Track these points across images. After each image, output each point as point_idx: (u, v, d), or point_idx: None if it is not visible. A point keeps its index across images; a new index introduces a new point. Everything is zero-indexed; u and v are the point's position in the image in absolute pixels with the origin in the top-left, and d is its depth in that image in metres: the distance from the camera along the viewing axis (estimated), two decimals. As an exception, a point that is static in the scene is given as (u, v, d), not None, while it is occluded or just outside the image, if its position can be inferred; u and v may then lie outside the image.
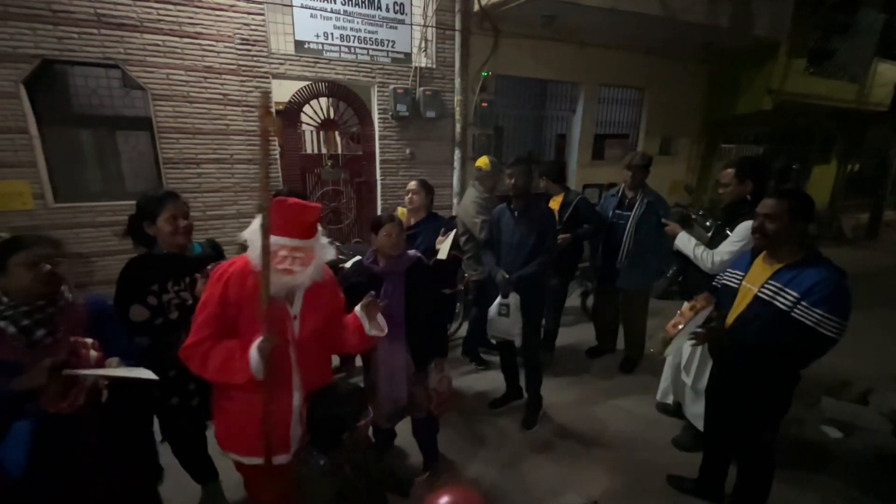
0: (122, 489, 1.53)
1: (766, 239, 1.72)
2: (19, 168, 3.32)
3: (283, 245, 1.41)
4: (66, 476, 1.39)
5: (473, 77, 4.77)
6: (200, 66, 3.69)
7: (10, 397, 1.25)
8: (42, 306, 1.37)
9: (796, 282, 1.62)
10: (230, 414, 1.53)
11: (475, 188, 3.24)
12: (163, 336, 1.76)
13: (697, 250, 2.43)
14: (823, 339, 1.56)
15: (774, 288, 1.66)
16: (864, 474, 2.46)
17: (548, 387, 2.93)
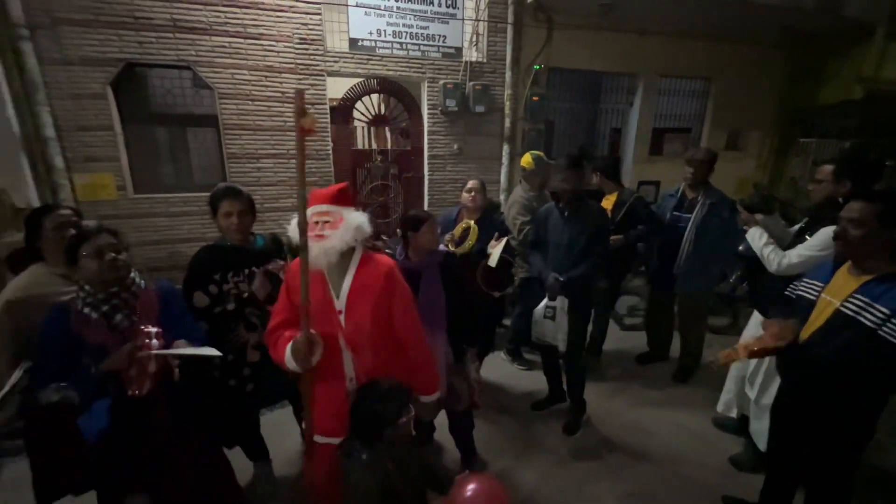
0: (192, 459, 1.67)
1: (850, 247, 1.54)
2: (105, 162, 3.68)
3: (312, 213, 1.49)
4: (138, 446, 1.53)
5: (525, 70, 4.66)
6: (262, 66, 3.88)
7: (96, 378, 1.39)
8: (116, 293, 1.51)
9: (889, 297, 1.42)
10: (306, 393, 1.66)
11: (521, 187, 3.19)
12: (220, 324, 1.88)
13: (766, 249, 2.21)
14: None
15: (861, 303, 1.48)
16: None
17: (593, 392, 2.84)
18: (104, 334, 1.47)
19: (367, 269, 1.60)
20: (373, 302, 1.57)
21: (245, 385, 1.96)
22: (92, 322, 1.47)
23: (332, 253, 1.48)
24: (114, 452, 1.50)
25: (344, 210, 1.52)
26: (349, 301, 1.57)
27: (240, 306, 1.91)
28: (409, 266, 2.00)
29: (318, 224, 1.48)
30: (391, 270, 1.61)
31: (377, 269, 1.60)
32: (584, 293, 2.49)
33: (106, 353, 1.44)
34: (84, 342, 1.45)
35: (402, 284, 1.64)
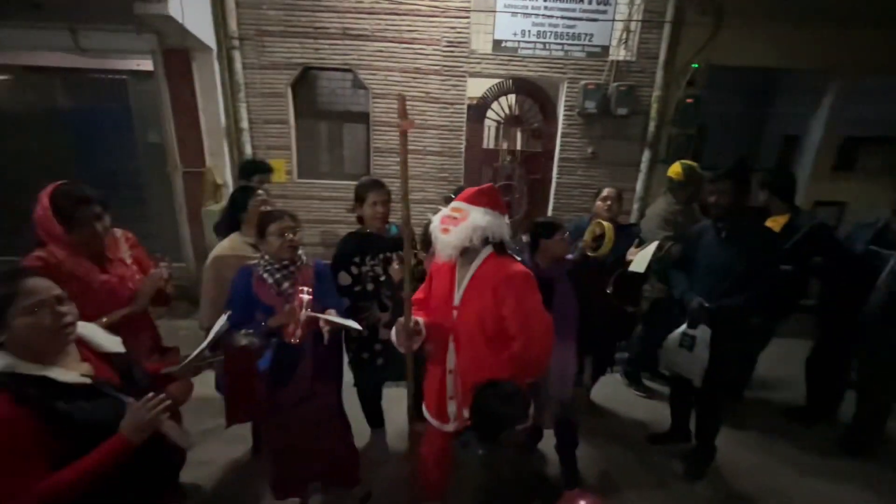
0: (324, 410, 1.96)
1: None
2: (280, 150, 4.37)
3: (451, 208, 1.59)
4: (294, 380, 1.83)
5: (680, 69, 4.20)
6: (411, 68, 4.18)
7: (267, 331, 1.69)
8: (287, 265, 1.80)
9: None
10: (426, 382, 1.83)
11: (665, 199, 2.88)
12: (359, 301, 2.11)
13: None
14: None
15: None
16: None
17: (728, 441, 2.48)
18: (274, 297, 1.77)
19: (488, 269, 1.59)
20: (481, 304, 1.58)
21: (375, 359, 2.18)
22: (267, 285, 1.78)
23: (448, 247, 1.55)
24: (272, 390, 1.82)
25: (473, 209, 1.55)
26: (464, 297, 1.62)
27: (376, 287, 2.12)
28: (541, 274, 1.93)
29: (448, 219, 1.58)
30: (512, 276, 1.56)
31: (497, 272, 1.57)
32: (736, 327, 2.15)
33: (273, 313, 1.74)
34: (258, 300, 1.77)
35: (521, 291, 1.55)
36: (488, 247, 1.61)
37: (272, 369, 1.80)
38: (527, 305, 1.57)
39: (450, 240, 1.53)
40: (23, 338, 1.03)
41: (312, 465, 1.99)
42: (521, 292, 1.56)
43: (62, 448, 1.03)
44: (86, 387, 1.11)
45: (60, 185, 1.60)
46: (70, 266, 1.58)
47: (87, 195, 1.61)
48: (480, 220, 1.53)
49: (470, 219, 1.53)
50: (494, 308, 1.56)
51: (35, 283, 1.06)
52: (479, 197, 1.59)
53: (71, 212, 1.57)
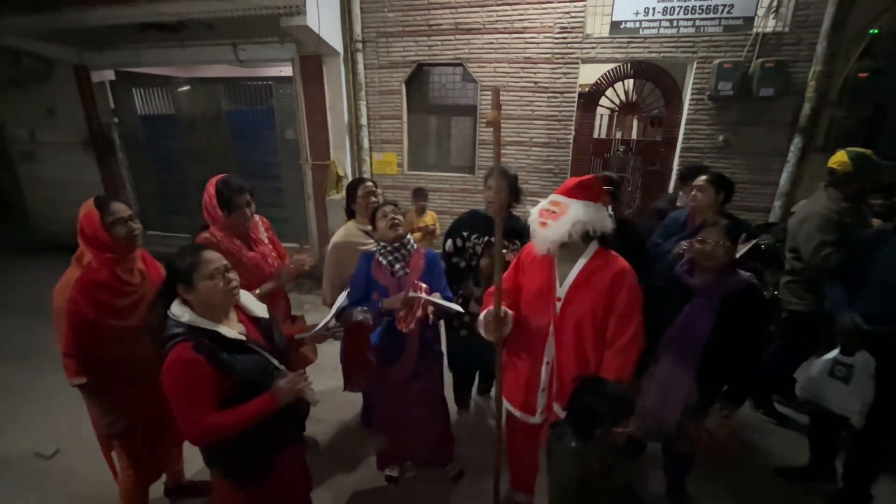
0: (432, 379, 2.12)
1: None
2: (393, 144, 4.69)
3: (546, 202, 1.56)
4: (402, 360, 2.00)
5: (852, 37, 3.46)
6: (521, 58, 4.13)
7: (381, 310, 1.87)
8: (398, 247, 1.95)
9: None
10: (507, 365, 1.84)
11: (826, 195, 2.38)
12: (454, 272, 2.27)
13: None
14: None
15: None
16: None
17: (886, 487, 2.04)
18: (388, 279, 1.94)
19: (597, 264, 1.57)
20: (593, 299, 1.54)
21: (460, 329, 2.34)
22: (382, 267, 1.95)
23: (545, 242, 1.54)
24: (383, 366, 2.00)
25: (573, 203, 1.51)
26: (570, 292, 1.59)
27: (468, 265, 2.25)
28: (687, 281, 1.74)
29: (547, 212, 1.55)
30: (622, 273, 1.55)
31: (608, 267, 1.56)
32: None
33: (387, 293, 1.91)
34: (374, 281, 1.95)
35: (630, 291, 1.54)
36: (595, 241, 1.58)
37: (382, 347, 1.98)
38: (634, 303, 1.55)
39: (548, 234, 1.52)
40: (204, 297, 1.30)
41: (413, 440, 2.15)
42: (632, 289, 1.56)
43: (226, 390, 1.28)
44: (241, 343, 1.35)
45: (223, 176, 1.95)
46: (226, 244, 1.91)
47: (242, 185, 1.93)
48: (581, 215, 1.50)
49: (570, 213, 1.50)
50: (607, 303, 1.55)
51: (211, 255, 1.33)
52: (580, 189, 1.54)
53: (229, 199, 1.89)
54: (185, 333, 1.25)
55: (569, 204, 1.52)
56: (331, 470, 2.34)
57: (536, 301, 1.68)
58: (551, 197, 1.58)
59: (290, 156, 5.01)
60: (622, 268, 1.56)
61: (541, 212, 1.58)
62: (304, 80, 4.52)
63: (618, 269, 1.55)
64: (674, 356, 1.75)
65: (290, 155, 5.00)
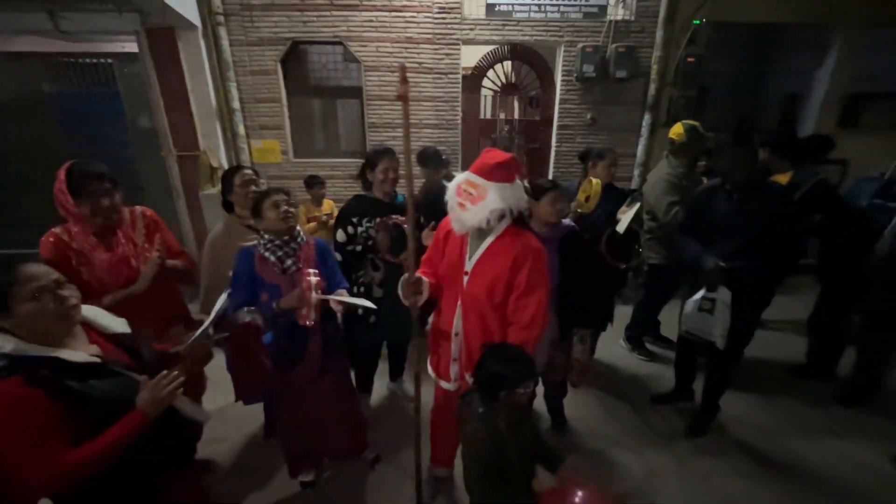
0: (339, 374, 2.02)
1: None
2: (274, 130, 4.31)
3: (463, 180, 1.55)
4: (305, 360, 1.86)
5: (681, 27, 4.06)
6: (403, 38, 4.06)
7: (273, 312, 1.71)
8: (287, 241, 1.80)
9: None
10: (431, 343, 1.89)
11: (668, 162, 2.83)
12: (350, 260, 2.21)
13: None
14: None
15: None
16: None
17: (729, 398, 2.53)
18: (277, 276, 1.78)
19: (504, 242, 1.59)
20: (493, 274, 1.59)
21: (367, 317, 2.27)
22: (269, 264, 1.78)
23: (462, 226, 1.56)
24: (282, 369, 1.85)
25: (492, 186, 1.48)
26: (476, 266, 1.63)
27: (364, 249, 2.20)
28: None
29: (464, 192, 1.53)
30: (525, 252, 1.56)
31: (514, 246, 1.57)
32: (754, 288, 2.15)
33: (278, 292, 1.75)
34: (262, 280, 1.77)
35: (532, 270, 1.55)
36: (506, 219, 1.58)
37: (281, 349, 1.82)
38: (535, 282, 1.57)
39: (466, 218, 1.53)
40: (29, 322, 1.05)
41: (325, 440, 2.04)
42: (534, 268, 1.56)
43: (82, 425, 1.06)
44: (97, 366, 1.13)
45: (76, 160, 1.69)
46: (79, 242, 1.67)
47: (99, 171, 1.68)
48: (498, 202, 1.48)
49: (488, 199, 1.48)
50: (509, 277, 1.58)
51: (34, 270, 1.07)
52: (498, 171, 1.50)
53: (81, 186, 1.64)
54: (9, 367, 1.00)
55: (487, 188, 1.49)
56: (239, 490, 2.13)
57: (449, 273, 1.70)
58: (468, 176, 1.53)
59: (147, 147, 4.30)
60: (527, 246, 1.56)
61: (458, 190, 1.54)
62: (154, 58, 3.88)
63: (521, 249, 1.56)
64: None
65: (147, 146, 4.29)
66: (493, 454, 1.37)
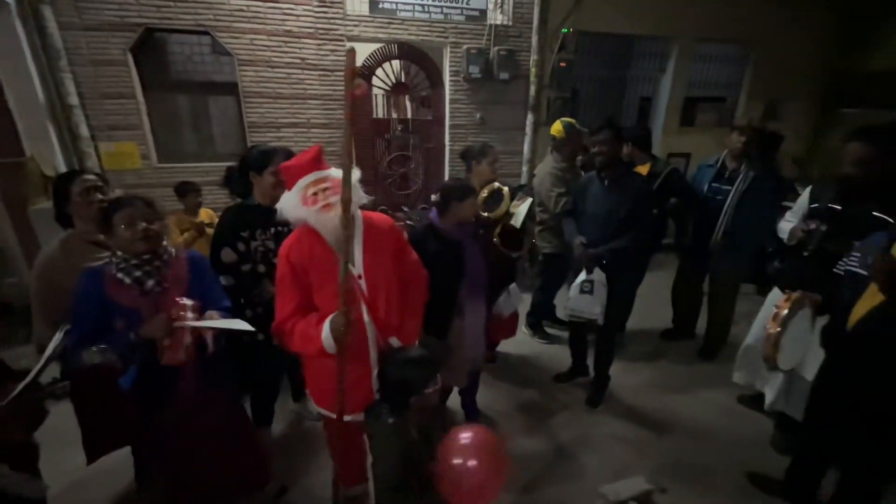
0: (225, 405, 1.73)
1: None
2: (129, 130, 3.68)
3: (306, 184, 1.38)
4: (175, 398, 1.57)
5: (552, 34, 4.43)
6: (281, 31, 3.77)
7: (131, 344, 1.41)
8: (149, 260, 1.51)
9: None
10: (318, 373, 1.62)
11: (552, 158, 3.06)
12: (247, 280, 1.91)
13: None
14: None
15: None
16: None
17: (617, 368, 2.80)
18: (137, 299, 1.49)
19: (372, 224, 1.53)
20: (389, 255, 1.55)
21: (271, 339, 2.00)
22: (125, 286, 1.48)
23: (349, 219, 1.38)
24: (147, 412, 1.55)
25: (334, 171, 1.43)
26: (366, 263, 1.50)
27: (268, 266, 1.92)
28: (450, 236, 1.99)
29: (317, 194, 1.38)
30: (389, 222, 1.60)
31: (381, 222, 1.57)
32: (625, 266, 2.41)
33: (139, 317, 1.46)
34: (117, 305, 1.47)
35: (408, 245, 1.64)
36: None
37: (142, 392, 1.52)
38: (416, 258, 1.65)
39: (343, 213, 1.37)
40: None
41: (215, 482, 1.77)
42: (401, 238, 1.64)
43: None
44: None
45: None
46: None
47: None
48: (353, 176, 1.36)
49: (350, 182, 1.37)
50: (393, 246, 1.58)
51: None
52: (324, 160, 1.44)
53: None
54: None
55: (332, 174, 1.42)
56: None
57: (335, 292, 1.45)
58: (314, 176, 1.38)
59: (-54, 153, 3.37)
60: (387, 219, 1.61)
61: (308, 199, 1.37)
62: (-53, 40, 3.05)
63: (390, 220, 1.60)
64: (473, 299, 2.03)
65: (-55, 152, 3.36)
66: (406, 464, 1.31)
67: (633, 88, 5.51)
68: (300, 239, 1.49)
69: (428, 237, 2.01)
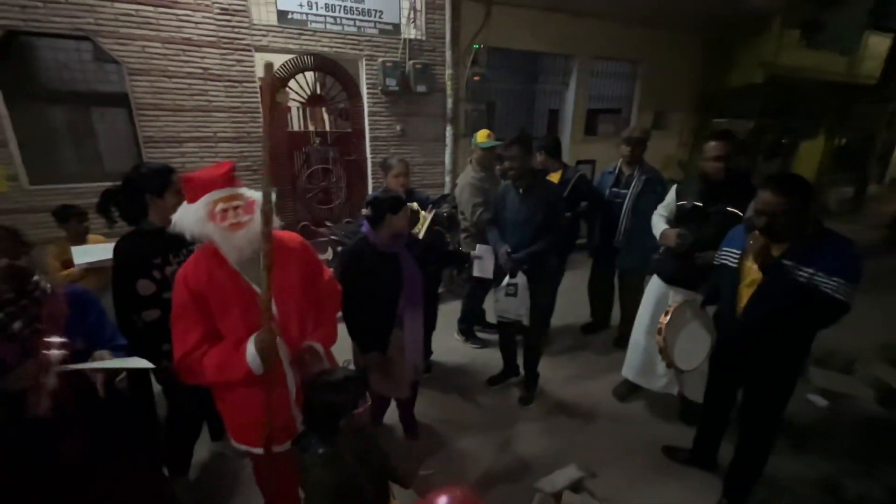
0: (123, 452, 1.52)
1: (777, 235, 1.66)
2: (-12, 149, 3.15)
3: (217, 199, 1.30)
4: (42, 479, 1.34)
5: (465, 50, 4.61)
6: (178, 39, 3.49)
7: None
8: (13, 299, 1.30)
9: (809, 259, 1.60)
10: (237, 406, 1.50)
11: (472, 168, 3.17)
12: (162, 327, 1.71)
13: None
14: (840, 304, 1.57)
15: (788, 265, 1.64)
16: (848, 440, 2.54)
17: (545, 364, 2.95)
18: (1, 345, 1.26)
19: (281, 244, 1.45)
20: (299, 273, 1.47)
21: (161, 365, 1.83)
22: (-17, 330, 1.25)
23: (253, 243, 1.32)
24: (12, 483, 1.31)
25: (246, 190, 1.37)
26: (275, 283, 1.37)
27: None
28: (388, 249, 1.98)
29: (227, 211, 1.30)
30: (291, 239, 1.52)
31: (289, 241, 1.50)
32: (544, 268, 2.55)
33: (5, 366, 1.24)
34: (-25, 354, 1.23)
35: (314, 255, 1.58)
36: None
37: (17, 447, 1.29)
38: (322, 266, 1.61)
39: (256, 229, 1.30)
40: None
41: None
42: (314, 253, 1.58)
43: None
44: None
45: None
46: None
47: None
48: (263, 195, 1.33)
49: (258, 199, 1.34)
50: (303, 267, 1.51)
51: None
52: (235, 177, 1.37)
53: None
54: None
55: (251, 195, 1.35)
56: None
57: (248, 318, 1.39)
58: (217, 195, 1.30)
59: None
60: (293, 235, 1.55)
61: (216, 215, 1.29)
62: None
63: (298, 237, 1.54)
64: (412, 309, 2.05)
65: None
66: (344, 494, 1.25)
67: (542, 101, 5.92)
68: (198, 263, 1.38)
69: (363, 252, 1.98)
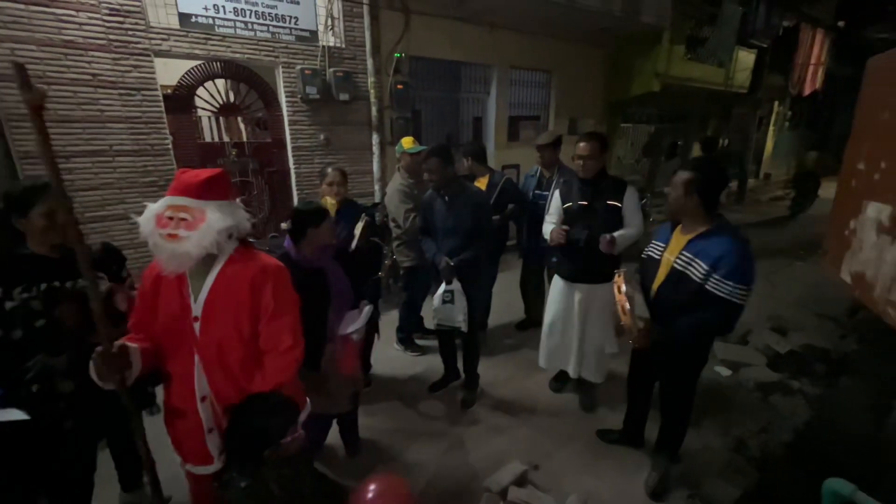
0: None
1: (669, 208, 1.88)
2: None
3: (167, 205, 1.24)
4: None
5: (386, 58, 4.60)
6: (58, 41, 3.08)
7: None
8: None
9: (705, 253, 1.72)
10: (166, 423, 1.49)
11: (400, 175, 3.16)
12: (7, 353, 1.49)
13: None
14: (735, 307, 1.68)
15: (686, 258, 1.78)
16: (748, 402, 2.90)
17: (484, 366, 3.01)
18: None
19: (234, 269, 1.35)
20: (234, 309, 1.35)
21: (62, 422, 1.59)
22: None
23: (184, 260, 1.23)
24: None
25: (210, 206, 1.26)
26: (207, 307, 1.33)
27: (30, 334, 1.51)
28: (314, 265, 1.91)
29: (171, 220, 1.22)
30: (263, 271, 1.37)
31: (246, 268, 1.36)
32: (477, 273, 2.60)
33: None
34: None
35: (276, 288, 1.39)
36: (231, 241, 1.35)
37: None
38: (284, 301, 1.41)
39: (186, 250, 1.20)
40: None
41: None
42: (278, 286, 1.40)
43: None
44: None
45: None
46: None
47: None
48: (222, 221, 1.26)
49: (210, 220, 1.23)
50: (252, 304, 1.36)
51: None
52: (213, 189, 1.28)
53: None
54: None
55: (204, 208, 1.24)
56: None
57: (173, 328, 1.34)
58: (171, 200, 1.24)
59: None
60: (263, 265, 1.38)
61: (161, 221, 1.21)
62: None
63: (258, 269, 1.37)
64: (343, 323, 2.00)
65: None
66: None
67: (465, 109, 6.07)
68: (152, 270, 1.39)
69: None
